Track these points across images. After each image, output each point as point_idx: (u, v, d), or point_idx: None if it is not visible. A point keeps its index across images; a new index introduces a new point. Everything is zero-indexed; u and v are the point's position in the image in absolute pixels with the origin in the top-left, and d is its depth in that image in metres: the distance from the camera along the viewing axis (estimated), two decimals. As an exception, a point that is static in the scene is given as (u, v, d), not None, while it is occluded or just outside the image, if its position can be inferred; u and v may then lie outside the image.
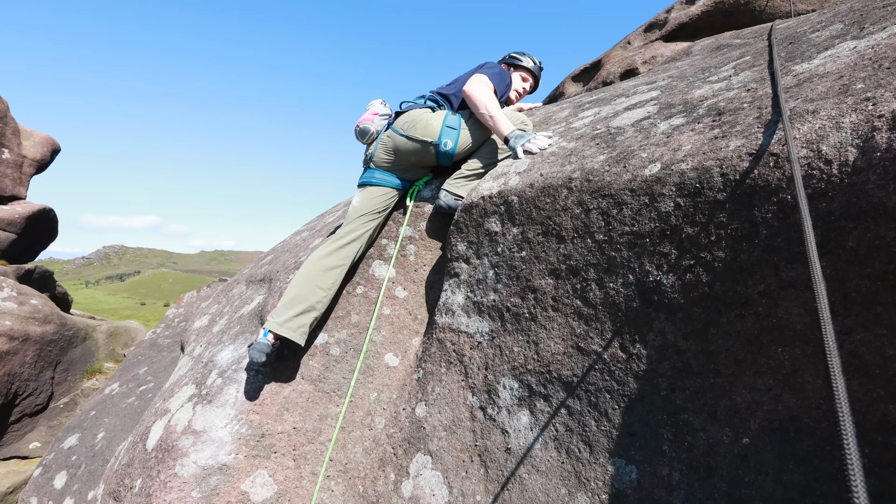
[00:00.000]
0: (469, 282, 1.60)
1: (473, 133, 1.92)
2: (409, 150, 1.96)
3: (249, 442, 1.59)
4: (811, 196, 0.88)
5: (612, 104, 1.87)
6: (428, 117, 1.95)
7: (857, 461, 0.45)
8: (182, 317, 5.08)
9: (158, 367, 3.94)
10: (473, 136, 1.92)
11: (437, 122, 1.93)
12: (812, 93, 1.04)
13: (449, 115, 1.95)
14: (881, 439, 0.78)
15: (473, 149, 1.96)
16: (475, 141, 1.93)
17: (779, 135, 0.97)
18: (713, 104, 1.31)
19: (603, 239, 1.23)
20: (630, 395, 1.13)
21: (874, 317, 0.81)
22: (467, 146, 1.93)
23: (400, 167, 2.02)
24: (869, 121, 0.85)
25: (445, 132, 1.91)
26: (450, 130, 1.91)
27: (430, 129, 1.92)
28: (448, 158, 1.95)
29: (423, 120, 1.95)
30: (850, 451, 0.44)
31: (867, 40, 1.13)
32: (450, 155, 1.93)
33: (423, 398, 1.60)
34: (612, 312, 1.20)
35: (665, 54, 3.32)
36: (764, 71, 1.39)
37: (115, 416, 3.36)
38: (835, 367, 0.50)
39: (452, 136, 1.91)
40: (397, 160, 2.00)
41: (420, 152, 1.95)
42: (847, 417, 0.47)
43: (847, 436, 0.45)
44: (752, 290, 0.96)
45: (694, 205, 1.06)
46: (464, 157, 1.97)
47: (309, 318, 1.74)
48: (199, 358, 2.14)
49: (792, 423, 0.88)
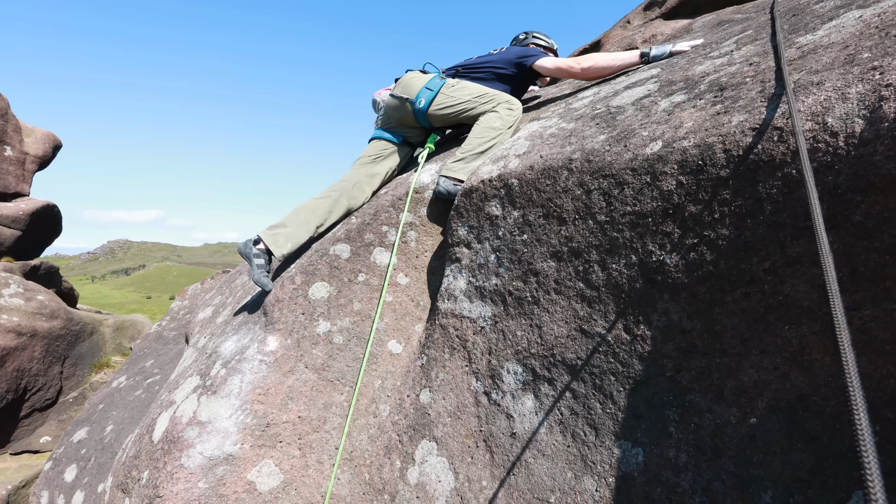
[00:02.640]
0: (471, 266, 1.58)
1: (449, 99, 2.06)
2: (393, 107, 2.18)
3: (255, 432, 1.60)
4: (817, 170, 0.86)
5: (612, 83, 1.83)
6: (413, 78, 2.15)
7: (871, 440, 0.43)
8: (187, 309, 5.10)
9: (164, 360, 3.97)
10: (449, 102, 2.06)
11: (418, 83, 2.11)
12: (817, 64, 1.00)
13: (433, 79, 2.11)
14: (892, 416, 0.77)
15: (452, 116, 2.09)
16: (452, 108, 2.06)
17: (783, 108, 0.95)
18: (715, 80, 1.27)
19: (605, 220, 1.21)
20: (635, 377, 1.12)
21: (883, 291, 0.79)
22: (442, 109, 2.07)
23: (390, 125, 2.24)
24: (876, 90, 0.82)
25: (422, 92, 2.09)
26: (427, 91, 2.08)
27: (410, 89, 2.12)
28: (422, 116, 2.12)
29: (409, 80, 2.14)
30: (862, 430, 0.43)
31: (873, 8, 1.09)
32: (422, 112, 2.10)
33: (427, 385, 1.60)
34: (615, 294, 1.18)
35: (665, 32, 3.24)
36: (767, 44, 1.35)
37: (123, 409, 3.39)
38: (845, 344, 0.48)
39: (427, 96, 2.08)
40: (387, 118, 2.24)
41: (400, 108, 2.16)
42: (859, 395, 0.46)
43: (859, 414, 0.44)
44: (757, 267, 0.94)
45: (697, 182, 1.04)
46: (444, 123, 2.16)
47: (288, 234, 1.96)
48: (203, 349, 2.15)
49: (800, 402, 0.87)
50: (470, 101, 2.03)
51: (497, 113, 1.95)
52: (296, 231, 1.96)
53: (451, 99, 2.05)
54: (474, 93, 2.04)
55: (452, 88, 2.08)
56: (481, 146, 1.85)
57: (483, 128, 1.91)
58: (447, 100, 2.06)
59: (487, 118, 1.95)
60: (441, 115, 2.09)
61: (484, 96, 2.03)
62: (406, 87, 2.13)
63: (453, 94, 2.06)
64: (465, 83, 2.10)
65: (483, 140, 1.87)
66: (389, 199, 1.97)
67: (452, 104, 2.05)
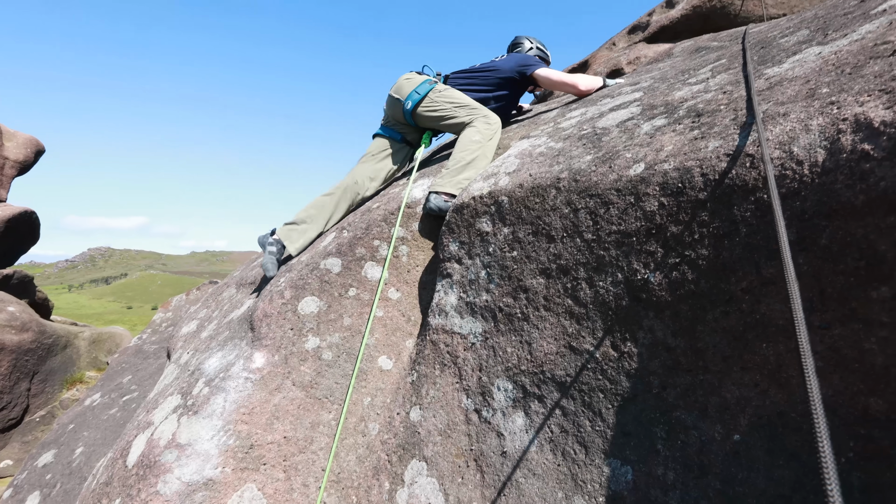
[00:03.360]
0: (461, 282, 1.60)
1: (433, 104, 2.23)
2: (390, 105, 2.36)
3: (237, 454, 1.56)
4: (785, 195, 0.91)
5: (598, 105, 1.90)
6: (407, 79, 2.32)
7: (832, 463, 0.46)
8: (170, 321, 4.97)
9: (144, 375, 3.84)
10: (432, 107, 2.23)
11: (410, 86, 2.28)
12: (782, 96, 1.07)
13: (423, 83, 2.28)
14: (864, 432, 0.81)
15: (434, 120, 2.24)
16: (434, 112, 2.23)
17: (753, 136, 1.00)
18: (692, 106, 1.34)
19: (591, 238, 1.25)
20: (623, 394, 1.14)
21: (850, 311, 0.84)
22: (426, 112, 2.24)
23: (388, 122, 2.41)
24: (835, 123, 0.89)
25: (412, 94, 2.25)
26: (415, 94, 2.25)
27: (402, 89, 2.30)
28: (409, 116, 2.29)
29: (403, 81, 2.33)
30: (824, 454, 0.46)
31: (830, 46, 1.18)
32: (408, 112, 2.27)
33: (417, 402, 1.60)
34: (602, 311, 1.22)
35: (648, 55, 3.38)
36: (738, 74, 1.43)
37: (96, 430, 3.26)
38: (809, 368, 0.52)
39: (414, 99, 2.25)
40: (386, 115, 2.42)
41: (393, 106, 2.34)
42: (821, 419, 0.49)
43: (822, 439, 0.47)
44: (735, 287, 0.98)
45: (677, 204, 1.09)
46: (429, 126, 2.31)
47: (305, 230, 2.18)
48: (185, 366, 2.10)
49: (779, 419, 0.91)
50: (450, 109, 2.18)
51: (475, 127, 2.08)
52: (308, 227, 2.18)
53: (434, 104, 2.22)
54: (455, 102, 2.20)
55: (438, 94, 2.23)
56: (465, 159, 1.94)
57: (465, 142, 2.02)
58: (431, 104, 2.23)
59: (467, 133, 2.07)
60: (425, 117, 2.25)
61: (463, 107, 2.18)
62: (399, 88, 2.31)
63: (437, 99, 2.22)
64: (450, 91, 2.25)
65: (466, 153, 1.96)
66: (381, 213, 1.99)
67: (435, 109, 2.22)
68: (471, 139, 2.01)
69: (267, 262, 2.05)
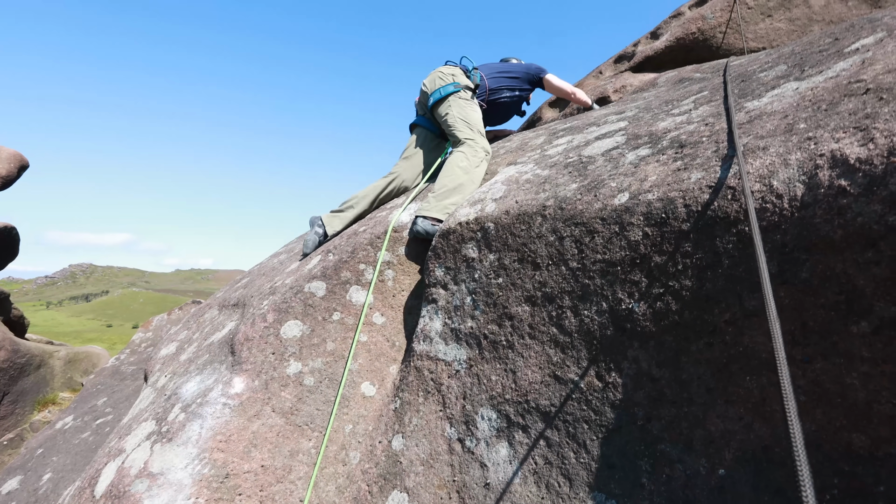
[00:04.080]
0: (447, 308, 1.58)
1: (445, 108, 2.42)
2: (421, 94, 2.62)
3: (212, 484, 1.49)
4: (766, 228, 0.92)
5: (584, 133, 1.93)
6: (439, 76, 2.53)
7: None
8: (150, 341, 4.83)
9: (120, 398, 3.70)
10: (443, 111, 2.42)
11: (440, 82, 2.50)
12: (762, 130, 1.10)
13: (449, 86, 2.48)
14: (848, 469, 0.80)
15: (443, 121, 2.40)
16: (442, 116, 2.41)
17: (734, 169, 1.02)
18: (675, 137, 1.37)
19: (577, 266, 1.25)
20: (607, 426, 1.12)
21: (831, 345, 0.84)
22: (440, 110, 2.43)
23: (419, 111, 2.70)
24: (812, 159, 0.91)
25: (436, 93, 2.47)
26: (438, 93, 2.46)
27: (431, 84, 2.53)
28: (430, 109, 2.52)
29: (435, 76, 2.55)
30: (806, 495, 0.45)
31: (807, 82, 1.22)
32: (428, 105, 2.51)
33: (399, 430, 1.55)
34: (587, 340, 1.20)
35: (634, 84, 3.48)
36: (720, 106, 1.47)
37: (66, 455, 3.11)
38: (791, 410, 0.51)
39: (436, 97, 2.46)
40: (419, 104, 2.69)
41: (423, 96, 2.59)
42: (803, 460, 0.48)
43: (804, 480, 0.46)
44: (718, 318, 0.98)
45: (661, 234, 1.09)
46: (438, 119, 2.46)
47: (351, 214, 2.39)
48: (162, 390, 2.03)
49: (764, 453, 0.89)
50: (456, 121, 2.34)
51: (464, 153, 2.14)
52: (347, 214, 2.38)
53: (449, 109, 2.40)
54: (463, 118, 2.35)
55: (456, 102, 2.40)
56: (451, 184, 1.97)
57: (452, 167, 2.05)
58: (446, 107, 2.41)
59: (455, 158, 2.11)
60: (438, 113, 2.44)
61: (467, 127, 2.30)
62: (430, 82, 2.55)
63: (453, 105, 2.40)
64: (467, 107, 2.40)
65: (453, 178, 2.00)
66: (367, 237, 1.98)
67: (446, 113, 2.39)
68: (458, 164, 2.05)
69: (309, 241, 2.27)
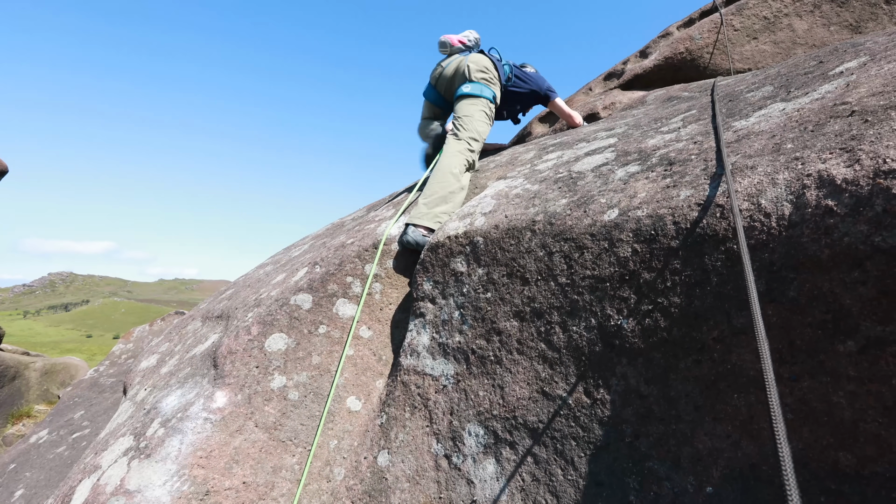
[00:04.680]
0: (435, 322, 1.57)
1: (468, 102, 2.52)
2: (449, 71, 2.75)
3: (191, 501, 1.44)
4: (754, 246, 0.93)
5: (574, 148, 1.95)
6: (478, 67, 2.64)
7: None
8: (130, 353, 4.71)
9: (97, 411, 3.58)
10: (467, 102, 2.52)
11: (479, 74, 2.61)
12: (750, 149, 1.12)
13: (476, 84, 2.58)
14: (834, 487, 0.80)
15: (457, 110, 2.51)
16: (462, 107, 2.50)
17: (723, 187, 1.04)
18: (664, 154, 1.38)
19: (566, 282, 1.25)
20: (595, 443, 1.11)
21: (818, 364, 0.84)
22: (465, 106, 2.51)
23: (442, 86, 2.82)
24: (799, 178, 0.92)
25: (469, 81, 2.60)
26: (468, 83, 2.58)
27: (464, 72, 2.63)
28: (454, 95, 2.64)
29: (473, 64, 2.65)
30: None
31: (793, 103, 1.25)
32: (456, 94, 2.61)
33: (385, 445, 1.52)
34: (575, 356, 1.20)
35: (623, 101, 3.55)
36: (708, 125, 1.50)
37: (40, 470, 2.99)
38: (780, 433, 0.50)
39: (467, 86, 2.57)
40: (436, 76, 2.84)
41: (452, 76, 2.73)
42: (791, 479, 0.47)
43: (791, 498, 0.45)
44: (706, 335, 0.98)
45: (650, 251, 1.10)
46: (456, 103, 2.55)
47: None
48: (141, 404, 1.96)
49: (752, 471, 0.89)
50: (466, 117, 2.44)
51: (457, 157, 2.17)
52: None
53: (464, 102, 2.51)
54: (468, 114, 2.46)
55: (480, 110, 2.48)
56: (442, 191, 1.97)
57: (442, 173, 2.05)
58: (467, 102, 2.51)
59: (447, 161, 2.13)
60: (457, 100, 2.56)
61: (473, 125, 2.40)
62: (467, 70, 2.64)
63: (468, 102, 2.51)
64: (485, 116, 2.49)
65: (443, 185, 1.99)
66: (355, 249, 1.96)
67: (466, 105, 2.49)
68: (449, 171, 2.05)
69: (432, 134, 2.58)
